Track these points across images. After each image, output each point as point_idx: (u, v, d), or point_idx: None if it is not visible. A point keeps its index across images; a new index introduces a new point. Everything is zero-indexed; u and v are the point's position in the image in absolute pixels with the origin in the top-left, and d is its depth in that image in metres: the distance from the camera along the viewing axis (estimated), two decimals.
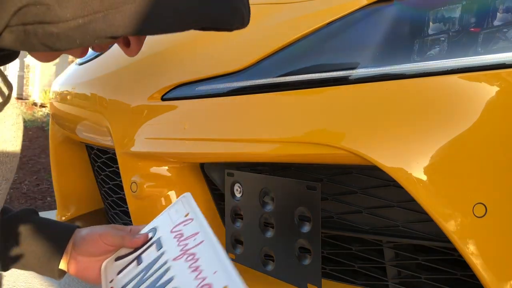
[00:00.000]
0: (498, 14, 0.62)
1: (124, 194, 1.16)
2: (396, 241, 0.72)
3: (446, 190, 0.59)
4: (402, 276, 0.75)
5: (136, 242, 0.75)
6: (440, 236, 0.64)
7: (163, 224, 0.76)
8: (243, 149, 0.76)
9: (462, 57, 0.61)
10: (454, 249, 0.61)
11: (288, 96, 0.74)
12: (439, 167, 0.59)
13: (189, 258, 0.66)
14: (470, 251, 0.58)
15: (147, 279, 0.69)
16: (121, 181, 1.13)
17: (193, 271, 0.64)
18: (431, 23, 0.67)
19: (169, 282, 0.65)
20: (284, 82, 0.76)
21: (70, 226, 0.79)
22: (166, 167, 0.97)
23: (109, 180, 1.29)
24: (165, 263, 0.69)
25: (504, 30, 0.60)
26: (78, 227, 0.79)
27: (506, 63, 0.58)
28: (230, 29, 0.55)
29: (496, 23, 0.61)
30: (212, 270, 0.62)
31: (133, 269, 0.73)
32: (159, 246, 0.73)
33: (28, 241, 0.75)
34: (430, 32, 0.66)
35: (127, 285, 0.71)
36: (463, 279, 0.68)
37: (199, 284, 0.61)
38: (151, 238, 0.76)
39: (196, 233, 0.70)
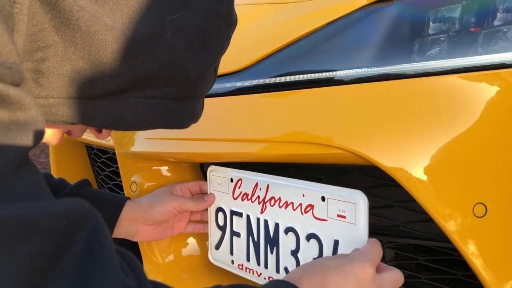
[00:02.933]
0: (498, 14, 0.62)
1: (124, 194, 1.16)
2: (396, 241, 0.72)
3: (446, 190, 0.59)
4: None
5: (207, 203, 0.86)
6: (440, 236, 0.64)
7: (221, 200, 0.84)
8: (243, 149, 0.76)
9: (462, 57, 0.61)
10: (454, 249, 0.61)
11: (288, 96, 0.74)
12: (439, 167, 0.59)
13: (272, 203, 0.74)
14: (470, 251, 0.57)
15: (258, 239, 0.77)
16: (121, 181, 1.13)
17: (285, 207, 0.72)
18: (431, 23, 0.67)
19: (278, 227, 0.73)
20: (284, 82, 0.76)
21: (121, 198, 0.86)
22: (166, 167, 0.97)
23: (109, 180, 1.29)
24: (258, 220, 0.77)
25: (504, 30, 0.60)
26: (128, 198, 0.87)
27: (506, 63, 0.58)
28: (185, 127, 0.57)
29: (496, 23, 0.61)
30: (299, 195, 0.70)
31: (239, 242, 0.82)
32: (239, 215, 0.81)
33: None
34: (430, 32, 0.66)
35: (249, 253, 0.79)
36: (463, 279, 0.68)
37: (302, 210, 0.70)
38: (221, 209, 0.85)
39: (256, 184, 0.77)
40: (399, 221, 0.70)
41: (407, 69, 0.64)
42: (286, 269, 0.72)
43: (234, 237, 0.82)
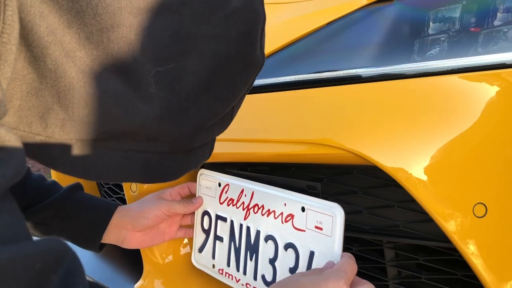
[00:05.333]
0: (498, 14, 0.62)
1: (124, 194, 1.16)
2: (396, 241, 0.72)
3: (446, 190, 0.59)
4: (402, 276, 0.75)
5: (195, 206, 0.86)
6: (440, 236, 0.64)
7: (208, 204, 0.85)
8: (243, 149, 0.76)
9: (462, 57, 0.61)
10: (454, 249, 0.61)
11: (288, 96, 0.74)
12: (439, 167, 0.59)
13: (256, 210, 0.76)
14: (470, 251, 0.57)
15: (240, 245, 0.79)
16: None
17: (267, 215, 0.74)
18: (431, 23, 0.67)
19: (259, 235, 0.75)
20: (284, 82, 0.76)
21: (111, 204, 0.85)
22: None
23: None
24: (241, 226, 0.78)
25: (504, 30, 0.60)
26: (120, 204, 0.86)
27: (506, 63, 0.58)
28: (171, 180, 0.53)
29: (496, 23, 0.61)
30: (281, 204, 0.72)
31: (221, 247, 0.83)
32: (224, 219, 0.82)
33: (72, 220, 0.81)
34: (430, 32, 0.66)
35: (229, 258, 0.81)
36: (463, 279, 0.68)
37: (283, 219, 0.71)
38: (207, 212, 0.85)
39: (242, 191, 0.78)
40: (399, 221, 0.70)
41: (407, 69, 0.64)
42: (263, 277, 0.73)
43: (217, 242, 0.83)
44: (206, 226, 0.85)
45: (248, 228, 0.76)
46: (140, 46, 0.39)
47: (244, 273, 0.76)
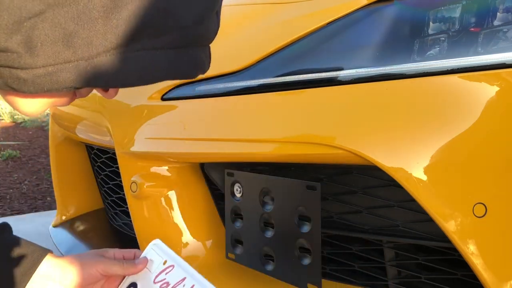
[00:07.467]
0: (498, 14, 0.62)
1: (124, 194, 1.16)
2: (396, 241, 0.72)
3: (446, 190, 0.59)
4: (402, 276, 0.75)
5: (137, 268, 0.74)
6: (440, 236, 0.64)
7: (142, 277, 0.73)
8: (243, 149, 0.76)
9: (462, 57, 0.61)
10: (454, 249, 0.61)
11: (288, 96, 0.74)
12: (439, 167, 0.59)
13: None
14: (470, 251, 0.58)
15: None
16: (121, 181, 1.13)
17: None
18: (431, 23, 0.67)
19: None
20: (284, 82, 0.76)
21: (40, 251, 0.72)
22: (166, 167, 0.97)
23: (109, 180, 1.29)
24: None
25: (504, 30, 0.60)
26: (50, 251, 0.73)
27: (506, 63, 0.58)
28: (192, 77, 0.56)
29: (496, 23, 0.61)
30: None
31: None
32: None
33: None
34: (430, 32, 0.66)
35: None
36: (463, 279, 0.68)
37: None
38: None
39: (183, 279, 0.69)
40: (399, 221, 0.70)
41: (407, 69, 0.64)
42: None
43: None
44: None
45: None
46: None
47: None
